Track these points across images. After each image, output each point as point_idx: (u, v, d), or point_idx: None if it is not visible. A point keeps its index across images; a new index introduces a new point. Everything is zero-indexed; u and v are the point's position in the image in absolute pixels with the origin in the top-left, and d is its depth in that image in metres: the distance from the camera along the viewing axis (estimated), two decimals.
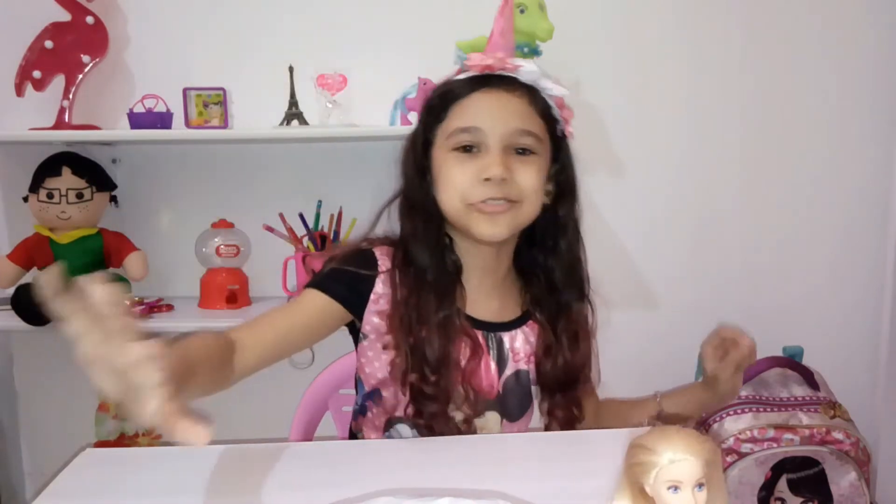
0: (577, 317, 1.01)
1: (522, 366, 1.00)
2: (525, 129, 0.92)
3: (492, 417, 1.00)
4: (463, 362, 0.95)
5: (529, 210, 0.94)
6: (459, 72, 0.96)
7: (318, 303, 0.94)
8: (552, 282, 1.00)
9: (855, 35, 1.71)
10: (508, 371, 0.99)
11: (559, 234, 0.99)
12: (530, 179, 0.92)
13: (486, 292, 1.00)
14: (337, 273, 0.96)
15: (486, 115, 0.91)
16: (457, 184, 0.91)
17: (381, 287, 0.95)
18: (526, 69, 0.93)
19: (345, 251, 0.99)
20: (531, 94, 0.94)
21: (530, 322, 1.01)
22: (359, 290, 0.95)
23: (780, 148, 1.74)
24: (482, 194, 0.90)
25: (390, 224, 1.00)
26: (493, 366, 0.98)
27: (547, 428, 1.01)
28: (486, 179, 0.89)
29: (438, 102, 0.95)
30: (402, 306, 0.93)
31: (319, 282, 0.95)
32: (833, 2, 1.70)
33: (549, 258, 1.00)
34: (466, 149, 0.91)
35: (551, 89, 0.96)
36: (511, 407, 1.01)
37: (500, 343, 0.99)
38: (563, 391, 0.99)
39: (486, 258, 0.98)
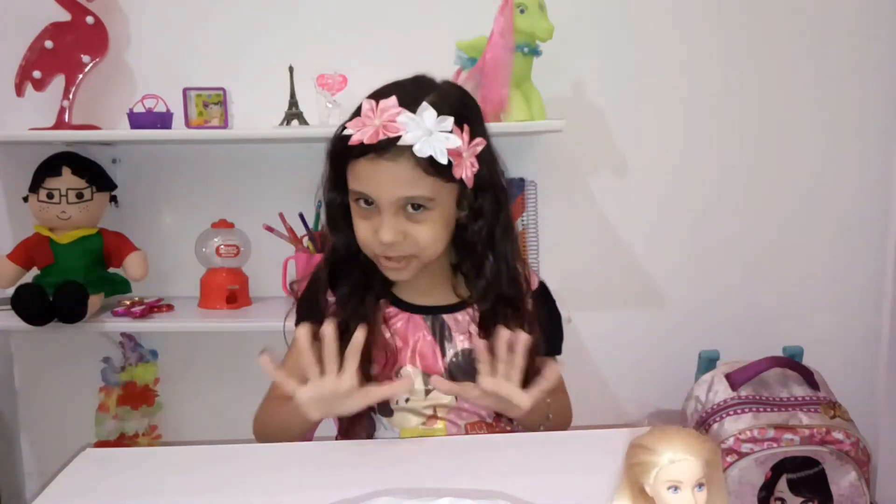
0: (515, 311, 1.02)
1: (467, 344, 1.02)
2: (411, 195, 0.92)
3: (442, 395, 1.02)
4: (388, 361, 1.00)
5: (431, 255, 0.98)
6: (352, 117, 0.95)
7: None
8: (487, 282, 1.02)
9: (855, 35, 1.71)
10: (454, 349, 1.03)
11: (482, 246, 1.01)
12: (425, 235, 0.95)
13: (422, 288, 1.04)
14: (300, 305, 1.09)
15: (373, 182, 0.92)
16: (360, 236, 0.97)
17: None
18: (407, 135, 0.89)
19: (306, 280, 1.10)
20: (418, 157, 0.90)
21: (470, 308, 1.04)
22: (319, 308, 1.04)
23: (781, 148, 1.74)
24: (381, 251, 0.96)
25: None
26: (436, 346, 1.02)
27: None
28: (379, 242, 0.94)
29: (336, 157, 0.98)
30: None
31: (297, 318, 1.06)
32: (833, 2, 1.70)
33: (477, 262, 1.02)
34: (367, 202, 0.95)
35: (437, 149, 0.89)
36: (461, 381, 1.00)
37: (442, 324, 1.04)
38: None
39: None
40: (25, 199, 1.58)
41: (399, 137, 0.89)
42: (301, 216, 1.63)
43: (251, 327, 1.59)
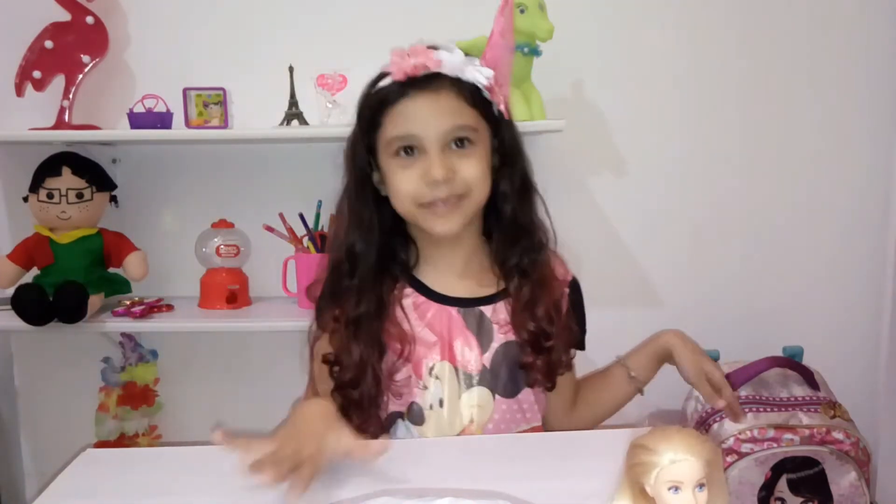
0: (543, 269, 1.03)
1: (511, 337, 1.00)
2: (458, 124, 0.93)
3: (479, 393, 0.99)
4: (404, 351, 0.97)
5: (478, 198, 0.96)
6: (384, 73, 0.96)
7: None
8: (515, 243, 1.01)
9: (855, 35, 1.71)
10: (495, 343, 0.99)
11: (508, 200, 1.01)
12: (473, 170, 0.94)
13: (457, 272, 1.01)
14: (319, 307, 1.03)
15: (418, 120, 0.92)
16: (403, 188, 0.94)
17: None
18: (448, 62, 0.93)
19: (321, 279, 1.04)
20: (458, 85, 0.94)
21: (506, 300, 1.02)
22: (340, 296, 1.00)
23: (781, 147, 1.74)
24: (429, 196, 0.93)
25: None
26: (473, 340, 0.98)
27: (530, 386, 1.02)
28: (431, 181, 0.92)
29: (370, 111, 0.96)
30: (333, 320, 0.99)
31: (318, 325, 1.03)
32: (833, 2, 1.70)
33: (506, 223, 1.02)
34: (407, 151, 0.93)
35: (477, 77, 0.94)
36: (502, 381, 1.00)
37: (480, 317, 1.00)
38: (536, 350, 0.99)
39: (449, 241, 1.00)
40: (25, 199, 1.58)
41: (437, 73, 0.91)
42: (301, 216, 1.63)
43: (251, 327, 1.60)
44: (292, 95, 1.59)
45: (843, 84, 1.72)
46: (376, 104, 0.95)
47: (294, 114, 1.59)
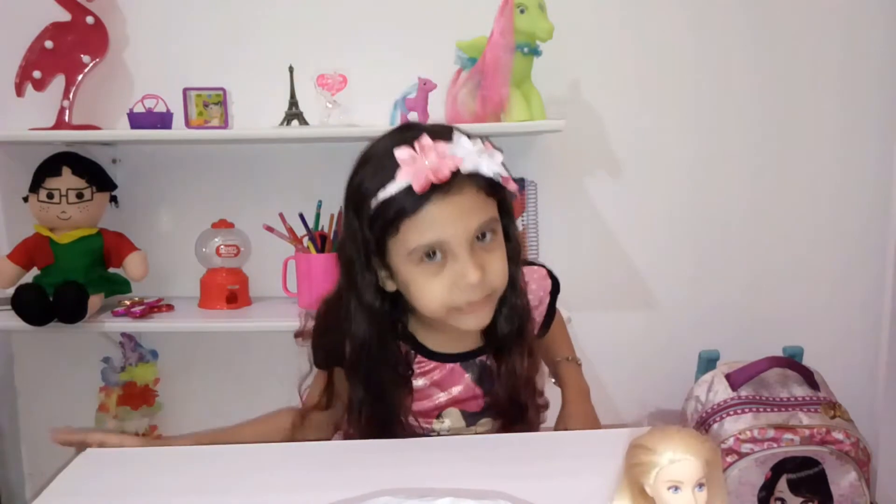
0: (524, 337, 1.00)
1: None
2: (483, 221, 0.87)
3: (484, 422, 1.02)
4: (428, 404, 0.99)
5: (503, 286, 0.92)
6: (395, 167, 0.84)
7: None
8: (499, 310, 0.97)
9: (855, 37, 1.71)
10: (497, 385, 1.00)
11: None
12: (500, 266, 0.89)
13: (454, 337, 0.99)
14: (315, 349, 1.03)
15: (446, 225, 0.84)
16: (435, 295, 0.87)
17: None
18: (466, 158, 0.84)
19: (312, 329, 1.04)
20: (477, 180, 0.86)
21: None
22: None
23: (781, 148, 1.74)
24: (465, 298, 0.87)
25: None
26: (476, 388, 1.00)
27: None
28: (465, 286, 0.86)
29: (386, 216, 0.86)
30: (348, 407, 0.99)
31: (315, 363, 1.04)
32: (834, 3, 1.70)
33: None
34: (429, 255, 0.86)
35: (493, 168, 0.87)
36: (504, 407, 1.02)
37: (482, 366, 1.00)
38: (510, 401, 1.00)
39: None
40: (25, 200, 1.58)
41: (457, 171, 0.83)
42: (301, 216, 1.63)
43: (251, 327, 1.60)
44: (292, 95, 1.59)
45: (843, 87, 1.73)
46: (392, 211, 0.85)
47: (294, 114, 1.59)
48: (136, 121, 1.56)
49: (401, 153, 0.82)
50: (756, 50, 1.71)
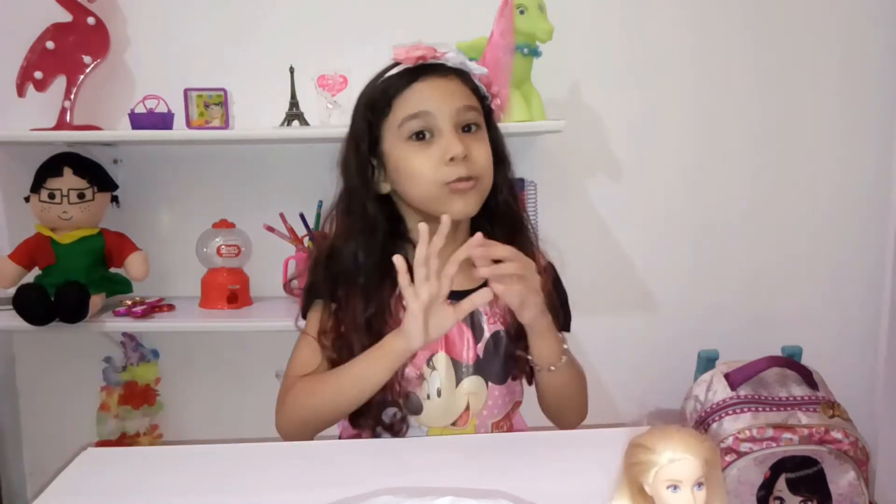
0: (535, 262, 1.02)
1: (500, 327, 1.02)
2: (468, 105, 0.98)
3: (474, 381, 1.01)
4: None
5: (488, 183, 0.99)
6: (388, 68, 1.01)
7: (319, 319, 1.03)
8: (511, 236, 1.01)
9: (856, 41, 1.71)
10: (486, 333, 1.02)
11: (499, 196, 1.03)
12: (484, 154, 0.98)
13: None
14: (308, 291, 1.05)
15: (431, 99, 0.96)
16: (424, 170, 0.95)
17: None
18: (451, 55, 1.00)
19: (308, 268, 1.09)
20: (461, 76, 1.00)
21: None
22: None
23: (780, 149, 1.75)
24: (453, 174, 0.95)
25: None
26: (466, 332, 1.01)
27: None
28: (451, 159, 0.94)
29: (380, 98, 0.99)
30: (331, 317, 1.01)
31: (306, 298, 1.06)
32: (835, 4, 1.70)
33: (494, 220, 1.04)
34: (419, 136, 0.96)
35: (475, 70, 1.01)
36: (493, 369, 1.02)
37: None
38: (524, 342, 1.00)
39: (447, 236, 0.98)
40: (27, 200, 1.58)
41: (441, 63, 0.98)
42: (302, 216, 1.64)
43: (252, 327, 1.60)
44: (293, 96, 1.59)
45: (843, 87, 1.73)
46: (385, 92, 0.98)
47: (295, 114, 1.59)
48: (138, 121, 1.56)
49: (395, 49, 0.98)
50: (756, 50, 1.72)
